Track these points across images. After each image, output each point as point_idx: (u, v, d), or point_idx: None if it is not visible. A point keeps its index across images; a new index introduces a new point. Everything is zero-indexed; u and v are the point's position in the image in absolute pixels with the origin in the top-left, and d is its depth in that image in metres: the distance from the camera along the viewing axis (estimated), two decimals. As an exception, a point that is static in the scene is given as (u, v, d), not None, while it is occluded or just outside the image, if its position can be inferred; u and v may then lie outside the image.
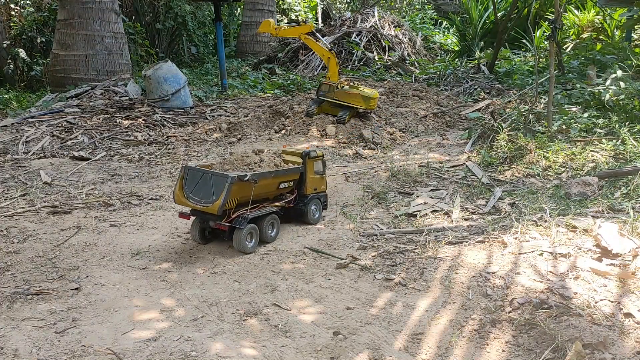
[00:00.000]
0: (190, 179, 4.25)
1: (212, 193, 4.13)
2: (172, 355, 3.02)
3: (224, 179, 4.09)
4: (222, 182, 4.08)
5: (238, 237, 4.24)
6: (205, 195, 4.17)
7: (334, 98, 8.40)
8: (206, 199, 4.15)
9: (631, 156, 5.75)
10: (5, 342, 3.14)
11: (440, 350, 3.02)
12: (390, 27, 15.87)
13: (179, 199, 4.28)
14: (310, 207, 4.89)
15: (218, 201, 4.06)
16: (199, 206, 4.18)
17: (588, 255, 3.77)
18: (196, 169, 4.29)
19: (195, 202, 4.20)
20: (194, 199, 4.21)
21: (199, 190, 4.20)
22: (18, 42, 13.70)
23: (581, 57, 11.09)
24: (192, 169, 4.29)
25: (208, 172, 4.23)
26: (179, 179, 4.29)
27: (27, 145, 7.83)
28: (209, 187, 4.15)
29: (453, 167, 6.52)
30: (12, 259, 4.24)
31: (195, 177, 4.24)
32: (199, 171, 4.26)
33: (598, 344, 2.84)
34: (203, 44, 17.18)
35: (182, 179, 4.28)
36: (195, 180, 4.23)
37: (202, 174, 4.22)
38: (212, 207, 4.10)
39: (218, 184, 4.11)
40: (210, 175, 4.20)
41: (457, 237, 4.37)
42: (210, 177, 4.19)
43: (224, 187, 4.06)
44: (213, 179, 4.16)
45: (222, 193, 4.06)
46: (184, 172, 4.28)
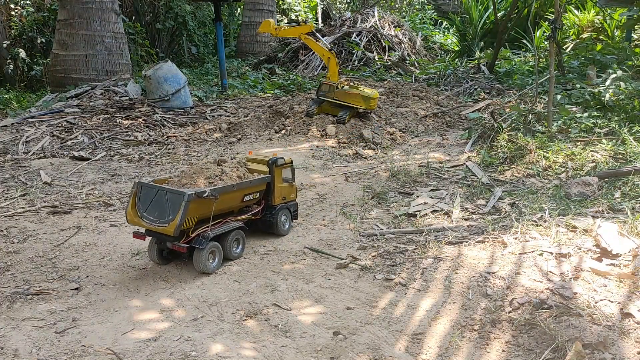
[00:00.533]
0: (144, 197, 3.87)
1: (167, 212, 3.76)
2: (172, 355, 3.02)
3: (180, 196, 3.72)
4: (178, 200, 3.71)
5: (198, 258, 3.89)
6: (160, 214, 3.80)
7: (334, 98, 8.40)
8: (161, 218, 3.79)
9: (631, 156, 5.75)
10: (5, 342, 3.14)
11: (440, 350, 3.02)
12: (390, 27, 15.87)
13: (131, 219, 3.91)
14: (280, 218, 4.61)
15: (174, 221, 3.70)
16: (153, 226, 3.82)
17: (588, 255, 3.77)
18: (150, 185, 3.92)
19: (150, 222, 3.83)
20: (148, 218, 3.85)
21: (154, 209, 3.82)
22: (18, 42, 13.70)
23: (581, 57, 11.10)
24: (145, 185, 3.92)
25: (163, 189, 3.83)
26: (131, 196, 3.93)
27: (27, 145, 7.83)
28: (164, 205, 3.78)
29: (453, 167, 6.52)
30: (12, 259, 4.24)
31: (149, 195, 3.85)
32: (153, 188, 3.87)
33: (598, 344, 2.84)
34: (203, 44, 17.18)
35: (134, 196, 3.90)
36: (149, 197, 3.84)
37: (157, 190, 3.83)
38: (168, 227, 3.73)
39: (174, 201, 3.74)
40: (165, 192, 3.81)
41: (457, 237, 4.37)
42: (165, 194, 3.80)
43: (180, 205, 3.70)
44: (168, 196, 3.79)
45: (178, 212, 3.69)
46: (137, 188, 3.91)
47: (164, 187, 3.86)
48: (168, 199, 3.78)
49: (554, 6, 7.32)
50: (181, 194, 3.73)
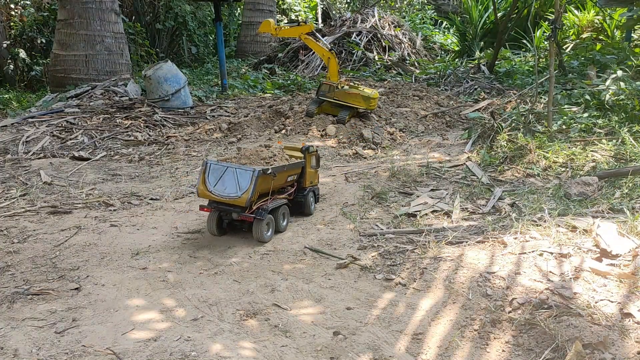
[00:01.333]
0: (212, 173, 4.38)
1: (237, 186, 4.29)
2: (172, 355, 3.02)
3: (250, 172, 4.28)
4: (248, 176, 4.27)
5: (259, 228, 4.41)
6: (230, 188, 4.32)
7: (334, 98, 8.40)
8: (232, 192, 4.31)
9: (631, 156, 5.75)
10: (5, 342, 3.14)
11: (440, 350, 3.03)
12: (390, 27, 15.87)
13: (202, 193, 4.39)
14: (309, 199, 5.16)
15: (246, 193, 4.25)
16: (224, 199, 4.33)
17: (588, 255, 3.77)
18: (218, 163, 4.42)
19: (220, 195, 4.34)
20: (218, 192, 4.35)
21: (223, 184, 4.34)
22: (18, 42, 13.71)
23: (581, 57, 11.10)
24: (214, 163, 4.42)
25: (232, 166, 4.37)
26: (201, 174, 4.41)
27: (27, 145, 7.83)
28: (234, 180, 4.31)
29: (453, 167, 6.52)
30: (12, 259, 4.24)
31: (217, 171, 4.37)
32: (222, 166, 4.39)
33: (598, 344, 2.84)
34: (203, 44, 17.18)
35: (204, 173, 4.39)
36: (217, 174, 4.36)
37: (226, 168, 4.36)
38: (239, 199, 4.27)
39: (244, 177, 4.29)
40: (234, 169, 4.35)
41: (457, 237, 4.38)
42: (234, 171, 4.34)
43: (250, 180, 4.26)
44: (238, 172, 4.32)
45: (250, 186, 4.25)
46: (205, 166, 4.40)
47: (233, 165, 4.39)
48: (238, 174, 4.31)
49: (554, 6, 7.32)
50: (251, 170, 4.29)
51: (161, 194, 5.83)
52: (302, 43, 11.28)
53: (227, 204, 4.38)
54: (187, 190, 5.95)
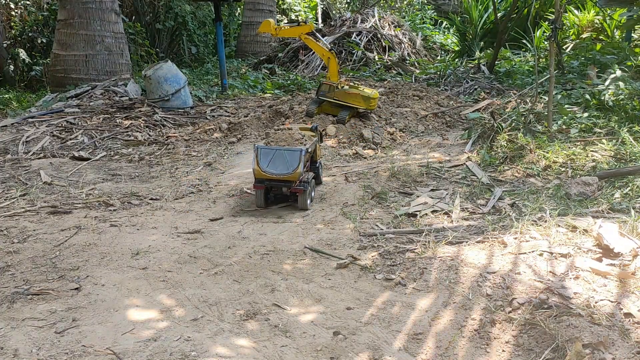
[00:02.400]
0: (263, 156, 5.13)
1: (287, 165, 5.07)
2: (172, 355, 3.02)
3: (298, 152, 5.09)
4: (297, 155, 5.08)
5: (304, 198, 5.19)
6: (281, 167, 5.08)
7: (334, 98, 8.39)
8: (284, 170, 5.07)
9: (631, 156, 5.75)
10: (5, 342, 3.14)
11: (440, 350, 3.03)
12: (390, 27, 15.87)
13: (258, 173, 5.13)
14: (320, 170, 5.98)
15: (298, 169, 5.04)
16: (278, 176, 5.09)
17: (588, 255, 3.77)
18: (267, 147, 5.22)
19: (274, 174, 5.09)
20: (271, 171, 5.10)
21: (275, 164, 5.10)
22: (18, 42, 13.70)
23: (581, 57, 11.10)
24: (264, 147, 5.21)
25: (280, 149, 5.16)
26: (255, 157, 5.15)
27: (27, 145, 7.83)
28: (284, 159, 5.09)
29: (453, 167, 6.52)
30: (12, 259, 4.24)
31: (268, 154, 5.14)
32: (271, 149, 5.18)
33: (598, 344, 2.84)
34: (203, 44, 17.16)
35: (257, 156, 5.14)
36: (268, 156, 5.13)
37: (275, 150, 5.15)
38: (293, 175, 5.06)
39: (293, 156, 5.08)
40: (283, 151, 5.13)
41: (457, 237, 4.38)
42: (283, 152, 5.12)
43: (300, 158, 5.06)
44: (286, 153, 5.10)
45: (299, 163, 5.05)
46: (257, 151, 5.16)
47: (281, 147, 5.20)
48: (287, 155, 5.10)
49: (554, 6, 7.32)
50: (299, 150, 5.11)
51: (161, 194, 5.84)
52: (302, 43, 11.28)
53: (279, 180, 5.11)
54: (187, 190, 5.95)
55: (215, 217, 5.15)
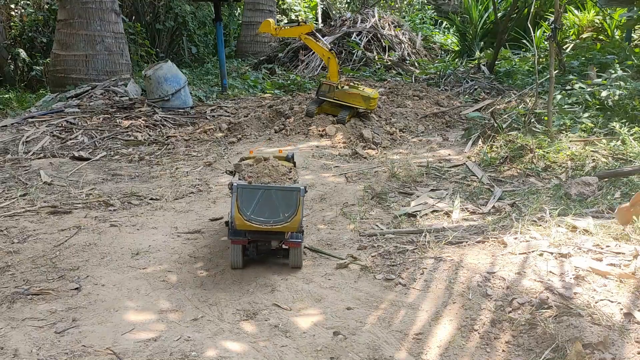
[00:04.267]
0: (246, 199, 3.75)
1: (280, 210, 3.75)
2: (172, 355, 3.02)
3: (294, 192, 3.77)
4: (293, 197, 3.76)
5: (298, 252, 3.97)
6: (273, 213, 3.75)
7: (334, 98, 8.39)
8: (276, 216, 3.74)
9: (631, 156, 5.75)
10: (5, 342, 3.14)
11: (440, 350, 3.03)
12: (390, 27, 15.87)
13: (241, 224, 3.75)
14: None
15: (297, 216, 3.74)
16: (268, 227, 3.75)
17: (588, 255, 3.77)
18: (251, 186, 3.82)
19: (262, 223, 3.74)
20: (259, 220, 3.74)
21: (263, 209, 3.75)
22: (18, 42, 13.70)
23: (581, 57, 11.09)
24: (245, 187, 3.80)
25: (270, 188, 3.81)
26: (233, 202, 3.75)
27: (27, 145, 7.83)
28: (275, 203, 3.75)
29: (453, 167, 6.52)
30: (12, 259, 4.24)
31: (252, 196, 3.75)
32: (256, 188, 3.80)
33: (598, 344, 2.84)
34: (203, 44, 17.16)
35: (237, 200, 3.74)
36: (253, 199, 3.75)
37: (262, 190, 3.78)
38: (290, 224, 3.75)
39: (287, 198, 3.76)
40: (273, 191, 3.78)
41: (457, 237, 4.38)
42: (274, 193, 3.77)
43: (297, 201, 3.76)
44: (279, 194, 3.77)
45: (298, 207, 3.75)
46: (237, 192, 3.76)
47: (271, 186, 3.84)
48: (279, 197, 3.77)
49: (554, 6, 7.32)
50: (296, 190, 3.79)
51: (161, 194, 5.84)
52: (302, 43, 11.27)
53: (270, 232, 3.81)
54: (187, 190, 5.95)
55: (215, 217, 5.15)
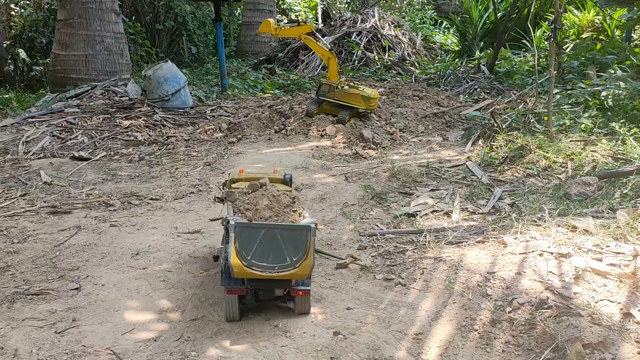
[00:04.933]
0: (246, 240, 3.13)
1: (287, 253, 3.15)
2: (172, 355, 3.02)
3: (304, 231, 3.16)
4: (303, 236, 3.15)
5: (307, 300, 3.38)
6: (278, 257, 3.14)
7: (334, 98, 8.39)
8: (282, 261, 3.15)
9: (631, 156, 5.75)
10: (6, 342, 3.14)
11: (440, 350, 3.03)
12: (390, 27, 15.86)
13: (241, 271, 3.11)
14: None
15: (307, 260, 3.15)
16: (272, 274, 3.14)
17: (588, 255, 3.77)
18: (251, 224, 3.18)
19: (266, 270, 3.13)
20: (261, 265, 3.13)
21: (266, 252, 3.14)
22: (18, 42, 13.70)
23: (581, 57, 11.09)
24: (245, 225, 3.16)
25: (275, 226, 3.17)
26: (231, 243, 3.11)
27: (27, 145, 7.83)
28: (280, 245, 3.14)
29: (453, 167, 6.52)
30: (12, 259, 4.24)
31: (253, 236, 3.14)
32: (258, 227, 3.16)
33: (598, 344, 2.84)
34: (203, 44, 17.16)
35: (235, 241, 3.11)
36: (254, 239, 3.14)
37: (264, 230, 3.15)
38: (298, 270, 3.15)
39: (295, 239, 3.15)
40: (278, 229, 3.15)
41: (457, 237, 4.37)
42: (278, 232, 3.15)
43: (307, 242, 3.14)
44: (285, 234, 3.15)
45: (309, 250, 3.15)
46: (236, 232, 3.12)
47: (275, 224, 3.19)
48: (285, 237, 3.15)
49: (554, 6, 7.32)
50: (305, 229, 3.16)
51: (161, 194, 5.83)
52: (302, 43, 11.27)
53: (275, 280, 3.22)
54: (187, 190, 5.95)
55: (215, 217, 5.15)
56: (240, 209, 3.38)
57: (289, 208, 3.44)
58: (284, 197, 3.50)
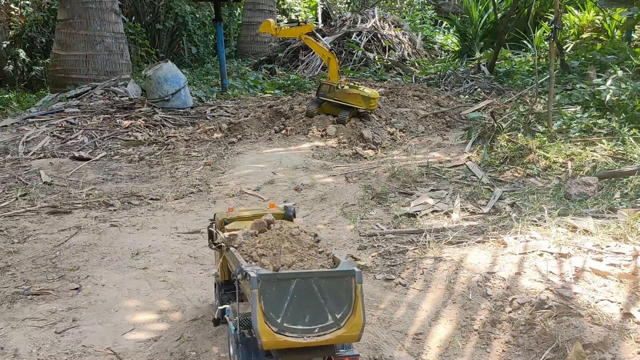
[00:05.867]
0: (274, 298, 2.27)
1: (328, 309, 2.31)
2: (172, 355, 3.02)
3: (348, 278, 2.33)
4: (347, 284, 2.32)
5: None
6: (315, 316, 2.29)
7: (334, 98, 8.39)
8: (320, 321, 2.30)
9: (631, 156, 5.75)
10: (6, 342, 3.14)
11: (440, 350, 3.03)
12: (390, 27, 15.87)
13: (271, 340, 2.23)
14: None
15: (355, 317, 2.31)
16: (312, 340, 2.27)
17: (588, 255, 3.77)
18: (282, 275, 2.30)
19: (303, 335, 2.27)
20: (297, 329, 2.27)
21: (301, 312, 2.29)
22: (18, 42, 13.70)
23: (581, 57, 11.09)
24: (272, 278, 2.28)
25: (310, 275, 2.32)
26: (255, 303, 2.23)
27: (27, 145, 7.83)
28: (318, 300, 2.30)
29: (453, 167, 6.52)
30: (12, 259, 4.24)
31: (283, 291, 2.28)
32: (286, 278, 2.30)
33: (598, 344, 2.84)
34: (203, 44, 17.17)
35: (260, 300, 2.23)
36: (284, 295, 2.28)
37: (296, 281, 2.29)
38: (346, 330, 2.30)
39: (338, 289, 2.32)
40: (314, 279, 2.31)
41: (457, 237, 4.37)
42: (315, 282, 2.31)
43: (353, 291, 2.32)
44: (323, 284, 2.31)
45: (356, 303, 2.32)
46: (260, 288, 2.24)
47: (310, 272, 2.35)
48: (323, 287, 2.32)
49: (554, 6, 7.32)
50: (348, 274, 2.33)
51: (161, 194, 5.83)
52: (302, 43, 11.28)
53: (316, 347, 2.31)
54: (187, 190, 5.95)
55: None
56: (251, 256, 2.52)
57: (314, 249, 2.66)
58: (304, 235, 2.74)
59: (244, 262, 2.47)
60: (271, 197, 5.64)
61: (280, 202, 5.48)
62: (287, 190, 5.85)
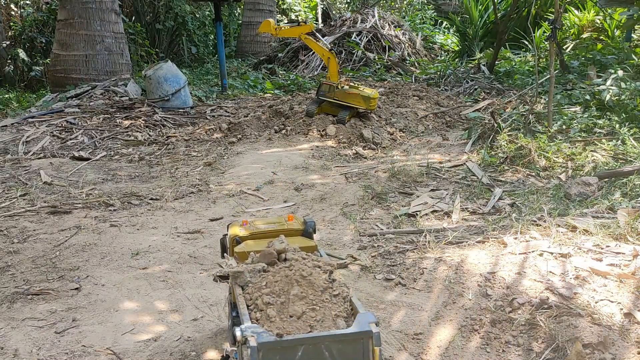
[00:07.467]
0: None
1: None
2: (172, 355, 3.02)
3: (366, 340, 2.01)
4: (361, 348, 2.00)
5: None
6: None
7: (334, 98, 8.39)
8: None
9: (631, 156, 5.75)
10: (5, 342, 3.14)
11: (440, 350, 3.03)
12: (390, 27, 15.87)
13: None
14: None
15: None
16: None
17: (588, 255, 3.77)
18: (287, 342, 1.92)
19: None
20: None
21: None
22: (18, 42, 13.70)
23: (581, 57, 11.09)
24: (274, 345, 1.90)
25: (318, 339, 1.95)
26: None
27: (27, 145, 7.83)
28: None
29: (453, 167, 6.52)
30: (12, 259, 4.24)
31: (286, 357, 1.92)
32: (291, 341, 1.92)
33: (598, 344, 2.84)
34: (203, 44, 17.17)
35: None
36: None
37: (304, 347, 1.93)
38: None
39: (353, 353, 1.99)
40: (322, 341, 1.95)
41: (457, 237, 4.38)
42: (325, 347, 1.95)
43: (370, 355, 2.02)
44: (335, 348, 1.96)
45: None
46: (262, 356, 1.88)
47: (319, 336, 1.97)
48: (335, 352, 1.97)
49: (554, 6, 7.32)
50: (365, 335, 2.01)
51: (161, 194, 5.83)
52: (302, 43, 11.28)
53: None
54: (187, 190, 5.95)
55: (215, 217, 5.15)
56: (257, 304, 2.20)
57: (328, 292, 2.28)
58: (317, 275, 2.33)
59: (246, 315, 2.11)
60: (271, 197, 5.64)
61: (281, 201, 5.50)
62: (287, 190, 5.85)
